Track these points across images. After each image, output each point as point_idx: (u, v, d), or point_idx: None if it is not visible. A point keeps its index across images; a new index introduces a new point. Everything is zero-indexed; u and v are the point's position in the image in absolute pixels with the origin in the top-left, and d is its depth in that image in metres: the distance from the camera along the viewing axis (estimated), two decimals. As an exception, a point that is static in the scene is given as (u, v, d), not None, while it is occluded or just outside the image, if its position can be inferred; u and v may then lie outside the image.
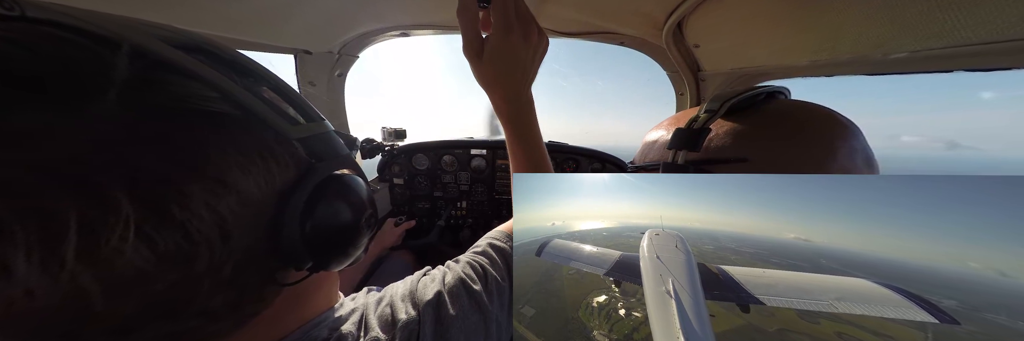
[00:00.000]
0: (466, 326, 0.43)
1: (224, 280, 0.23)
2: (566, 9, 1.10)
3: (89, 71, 0.19)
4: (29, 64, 0.17)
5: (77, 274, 0.17)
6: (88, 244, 0.17)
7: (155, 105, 0.20)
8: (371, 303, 0.42)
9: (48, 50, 0.18)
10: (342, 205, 0.30)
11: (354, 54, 1.40)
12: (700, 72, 1.30)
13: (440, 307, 0.43)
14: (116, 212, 0.17)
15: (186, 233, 0.20)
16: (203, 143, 0.22)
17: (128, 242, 0.18)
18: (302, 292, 0.34)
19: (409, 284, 0.47)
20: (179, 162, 0.20)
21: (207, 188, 0.21)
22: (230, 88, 0.24)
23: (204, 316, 0.24)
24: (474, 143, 1.70)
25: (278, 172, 0.26)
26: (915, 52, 0.65)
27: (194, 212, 0.20)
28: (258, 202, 0.24)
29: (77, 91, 0.18)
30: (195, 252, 0.21)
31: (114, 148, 0.18)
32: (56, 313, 0.18)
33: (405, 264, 1.35)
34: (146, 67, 0.21)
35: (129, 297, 0.19)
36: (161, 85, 0.21)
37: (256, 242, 0.25)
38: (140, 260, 0.19)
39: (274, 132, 0.26)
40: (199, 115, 0.22)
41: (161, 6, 0.78)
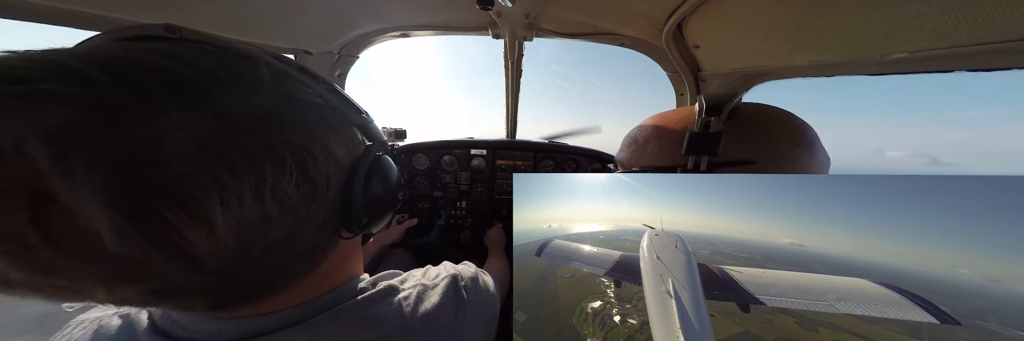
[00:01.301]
0: (486, 296, 0.53)
1: (318, 224, 0.31)
2: (567, 10, 1.10)
3: (248, 74, 0.27)
4: (214, 69, 0.25)
5: (267, 203, 0.25)
6: (274, 186, 0.25)
7: (287, 98, 0.29)
8: (398, 272, 0.50)
9: (219, 61, 0.26)
10: (387, 178, 0.40)
11: (354, 54, 1.41)
12: (700, 72, 1.30)
13: (473, 276, 0.53)
14: (284, 165, 0.26)
15: (313, 183, 0.29)
16: (315, 122, 0.30)
17: (291, 184, 0.26)
18: (343, 255, 0.42)
19: (429, 266, 0.55)
20: (307, 134, 0.29)
21: (321, 153, 0.29)
22: (316, 87, 0.33)
23: (300, 253, 0.31)
24: (474, 143, 1.71)
25: (350, 148, 0.34)
26: (915, 52, 0.65)
27: (317, 168, 0.29)
28: (343, 167, 0.33)
29: (247, 86, 0.26)
30: (314, 196, 0.29)
31: (275, 124, 0.26)
32: (256, 226, 0.25)
33: (405, 263, 1.36)
34: (274, 74, 0.29)
35: (283, 221, 0.27)
36: (285, 85, 0.30)
37: (336, 199, 0.33)
38: (296, 196, 0.27)
39: (344, 118, 0.35)
40: (309, 105, 0.31)
41: (162, 6, 0.78)
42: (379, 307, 0.40)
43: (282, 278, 0.32)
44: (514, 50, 1.38)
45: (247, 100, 0.25)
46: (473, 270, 0.55)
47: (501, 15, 1.12)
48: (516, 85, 1.59)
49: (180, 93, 0.22)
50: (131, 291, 0.24)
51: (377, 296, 0.41)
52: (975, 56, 0.60)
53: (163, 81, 0.22)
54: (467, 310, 0.47)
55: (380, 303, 0.41)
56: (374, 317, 0.39)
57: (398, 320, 0.40)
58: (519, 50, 1.39)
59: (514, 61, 1.45)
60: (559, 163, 1.71)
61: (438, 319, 0.43)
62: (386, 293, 0.42)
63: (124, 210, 0.20)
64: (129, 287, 0.23)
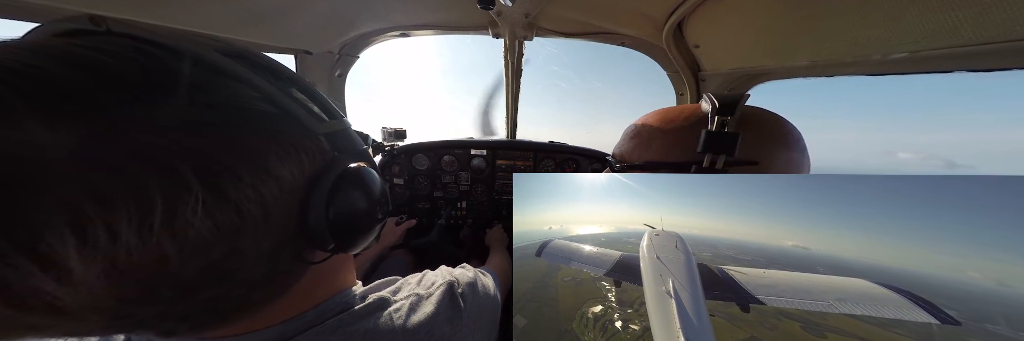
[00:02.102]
0: (486, 300, 0.52)
1: (264, 254, 0.27)
2: (567, 10, 1.10)
3: (162, 75, 0.23)
4: (115, 69, 0.21)
5: (161, 238, 0.20)
6: (169, 215, 0.20)
7: (213, 104, 0.24)
8: (396, 278, 0.48)
9: (129, 58, 0.22)
10: (360, 193, 0.34)
11: (354, 54, 1.40)
12: (700, 72, 1.30)
13: (471, 281, 0.52)
14: (189, 191, 0.21)
15: (238, 210, 0.24)
16: (251, 136, 0.26)
17: (197, 215, 0.22)
18: (328, 270, 0.39)
19: (426, 271, 0.53)
20: (234, 151, 0.24)
21: (254, 173, 0.25)
22: (268, 89, 0.28)
23: (246, 285, 0.27)
24: (474, 143, 1.70)
25: (308, 162, 0.30)
26: (915, 52, 0.65)
27: (244, 193, 0.24)
28: (292, 188, 0.28)
29: (154, 91, 0.22)
30: (243, 227, 0.25)
31: (186, 139, 0.22)
32: (143, 269, 0.21)
33: (405, 264, 1.35)
34: (204, 72, 0.25)
35: (194, 260, 0.23)
36: (216, 87, 0.25)
37: (289, 223, 0.29)
38: (204, 230, 0.22)
39: (304, 127, 0.30)
40: (246, 112, 0.26)
41: (163, 6, 0.78)
42: (368, 322, 0.38)
43: (234, 309, 0.29)
44: (514, 50, 1.38)
45: (149, 111, 0.21)
46: (471, 274, 0.54)
47: (501, 14, 1.12)
48: (516, 85, 1.59)
49: (49, 105, 0.18)
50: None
51: (367, 311, 0.39)
52: (975, 56, 0.60)
53: (33, 89, 0.18)
54: (464, 319, 0.45)
55: (370, 318, 0.39)
56: (362, 333, 0.37)
57: (389, 335, 0.38)
58: (519, 50, 1.39)
59: (514, 61, 1.45)
60: (559, 163, 1.71)
61: (433, 331, 0.41)
62: (376, 307, 0.40)
63: None
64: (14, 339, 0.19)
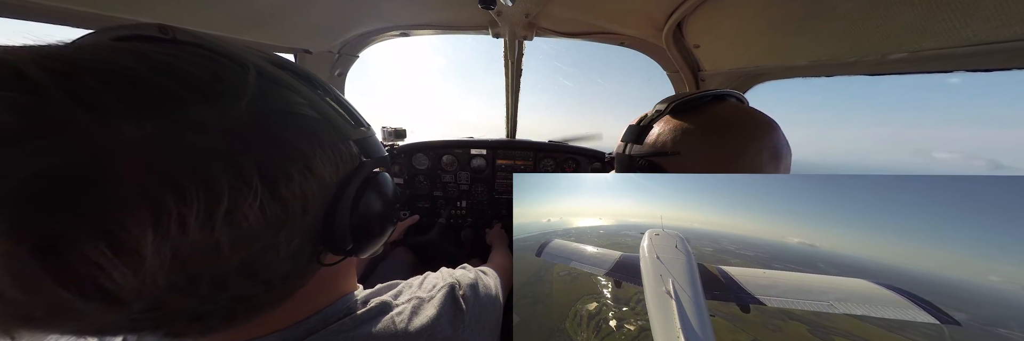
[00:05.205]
0: (488, 300, 0.52)
1: (290, 252, 0.28)
2: (567, 10, 1.10)
3: (232, 81, 0.25)
4: (194, 75, 0.23)
5: (220, 229, 0.22)
6: (232, 207, 0.22)
7: (269, 108, 0.27)
8: (397, 282, 0.48)
9: (203, 66, 0.24)
10: (381, 198, 0.36)
11: (354, 54, 1.40)
12: (700, 72, 1.29)
13: (472, 282, 0.52)
14: (250, 186, 0.23)
15: (284, 205, 0.26)
16: (300, 138, 0.28)
17: (253, 209, 0.23)
18: (331, 275, 0.39)
19: (427, 274, 0.53)
20: (286, 151, 0.26)
21: (301, 172, 0.27)
22: (311, 97, 0.30)
23: (265, 283, 0.28)
24: (474, 143, 1.70)
25: (341, 165, 0.32)
26: (915, 52, 0.65)
27: (291, 190, 0.26)
28: (327, 188, 0.30)
29: (227, 96, 0.24)
30: (286, 221, 0.26)
31: (249, 139, 0.24)
32: (196, 260, 0.22)
33: (405, 263, 1.35)
34: (265, 81, 0.27)
35: (239, 252, 0.24)
36: (273, 95, 0.28)
37: (316, 223, 0.30)
38: (256, 223, 0.24)
39: (339, 132, 0.32)
40: (297, 117, 0.29)
41: (165, 5, 0.78)
42: (370, 327, 0.38)
43: (246, 310, 0.29)
44: (514, 49, 1.38)
45: (221, 113, 0.23)
46: (472, 275, 0.54)
47: (501, 14, 1.11)
48: (516, 85, 1.59)
49: (141, 103, 0.20)
50: (40, 334, 0.21)
51: (368, 315, 0.40)
52: (975, 56, 0.60)
53: (125, 88, 0.20)
54: (466, 320, 0.46)
55: (372, 322, 0.39)
56: (364, 338, 0.37)
57: (391, 340, 0.38)
58: (519, 49, 1.39)
59: (514, 60, 1.45)
60: (559, 163, 1.71)
61: (435, 334, 0.41)
62: (378, 311, 0.41)
63: (27, 242, 0.17)
64: (37, 331, 0.20)
